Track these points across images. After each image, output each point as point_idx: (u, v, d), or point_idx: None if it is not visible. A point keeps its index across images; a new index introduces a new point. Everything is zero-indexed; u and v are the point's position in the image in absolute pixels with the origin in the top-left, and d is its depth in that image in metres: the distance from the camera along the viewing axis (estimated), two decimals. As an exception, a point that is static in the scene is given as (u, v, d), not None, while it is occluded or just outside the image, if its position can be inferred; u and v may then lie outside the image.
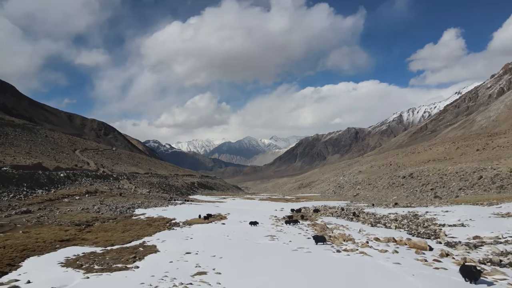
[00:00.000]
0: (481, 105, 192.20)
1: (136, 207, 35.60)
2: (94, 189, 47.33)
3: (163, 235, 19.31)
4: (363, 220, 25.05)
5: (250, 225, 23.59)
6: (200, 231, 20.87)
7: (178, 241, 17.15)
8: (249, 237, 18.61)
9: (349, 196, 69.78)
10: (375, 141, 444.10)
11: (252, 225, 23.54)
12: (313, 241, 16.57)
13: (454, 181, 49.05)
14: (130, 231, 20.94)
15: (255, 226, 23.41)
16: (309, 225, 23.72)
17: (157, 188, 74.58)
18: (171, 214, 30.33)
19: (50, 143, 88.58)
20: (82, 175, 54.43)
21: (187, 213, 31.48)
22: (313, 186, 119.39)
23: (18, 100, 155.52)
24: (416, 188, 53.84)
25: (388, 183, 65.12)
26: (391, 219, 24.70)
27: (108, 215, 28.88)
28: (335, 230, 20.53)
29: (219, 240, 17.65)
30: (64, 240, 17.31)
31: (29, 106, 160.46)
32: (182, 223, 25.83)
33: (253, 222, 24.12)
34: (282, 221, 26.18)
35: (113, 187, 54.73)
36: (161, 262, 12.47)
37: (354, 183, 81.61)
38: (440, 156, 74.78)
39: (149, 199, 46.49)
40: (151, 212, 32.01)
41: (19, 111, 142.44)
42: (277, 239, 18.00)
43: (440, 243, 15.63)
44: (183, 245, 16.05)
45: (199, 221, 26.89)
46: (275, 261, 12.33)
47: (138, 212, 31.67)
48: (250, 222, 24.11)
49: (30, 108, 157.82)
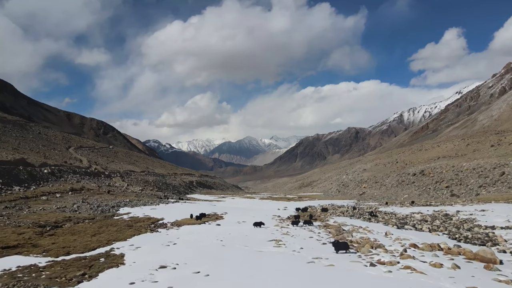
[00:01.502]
0: (482, 104, 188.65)
1: (122, 205, 31.69)
2: (80, 186, 43.38)
3: (140, 240, 15.37)
4: (384, 221, 21.10)
5: (254, 227, 19.66)
6: (188, 234, 16.94)
7: (155, 248, 13.21)
8: (249, 242, 14.68)
9: (355, 194, 65.93)
10: (376, 141, 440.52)
11: (256, 227, 19.60)
12: (330, 248, 12.69)
13: (472, 178, 45.03)
14: (102, 234, 17.01)
15: (260, 227, 19.46)
16: (320, 226, 19.78)
17: (152, 186, 70.71)
18: (159, 214, 26.44)
19: (42, 140, 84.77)
20: (69, 172, 50.48)
21: (179, 212, 27.52)
22: (315, 185, 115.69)
23: (17, 99, 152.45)
24: (429, 186, 49.82)
25: (396, 181, 61.12)
26: (417, 219, 20.74)
27: (86, 215, 24.99)
28: (355, 233, 16.59)
29: (210, 246, 13.71)
30: (10, 247, 13.38)
31: (28, 105, 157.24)
32: (169, 223, 21.94)
33: (257, 223, 20.20)
34: (287, 222, 22.26)
35: (103, 185, 50.78)
36: (117, 283, 8.53)
37: (359, 181, 77.68)
38: (451, 153, 70.82)
39: (140, 197, 42.55)
40: (138, 211, 28.11)
41: (17, 109, 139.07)
42: (284, 245, 14.07)
43: (504, 251, 11.69)
44: (161, 254, 12.11)
45: (190, 221, 22.95)
46: (286, 282, 8.39)
47: (122, 211, 27.80)
48: (255, 223, 20.18)
49: (29, 107, 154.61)
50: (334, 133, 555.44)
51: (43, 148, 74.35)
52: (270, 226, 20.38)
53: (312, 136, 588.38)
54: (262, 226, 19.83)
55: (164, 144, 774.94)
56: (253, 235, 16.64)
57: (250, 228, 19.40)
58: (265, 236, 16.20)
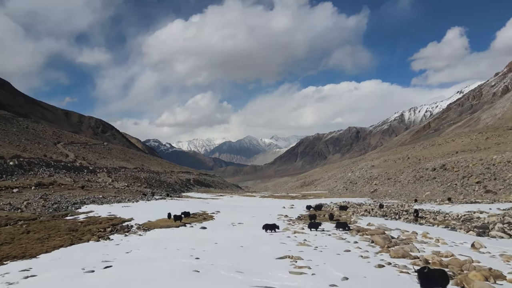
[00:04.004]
0: (485, 103, 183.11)
1: (90, 202, 25.39)
2: (51, 181, 37.08)
3: (62, 256, 9.11)
4: (438, 223, 14.74)
5: (265, 231, 13.33)
6: (148, 246, 10.61)
7: (66, 277, 6.82)
8: (245, 262, 8.33)
9: (365, 192, 59.71)
10: (376, 140, 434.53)
11: (268, 232, 13.23)
12: (397, 278, 6.28)
13: (509, 171, 38.70)
14: (11, 244, 10.63)
15: (272, 233, 13.06)
16: (352, 231, 13.38)
17: (143, 183, 64.51)
18: (130, 213, 20.13)
19: (27, 134, 78.72)
20: (41, 165, 44.16)
21: (157, 211, 21.16)
22: (317, 184, 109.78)
23: (14, 97, 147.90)
24: (455, 182, 43.47)
25: (413, 177, 54.75)
26: (495, 221, 14.30)
27: (28, 214, 18.72)
28: (417, 245, 10.19)
29: (170, 273, 7.32)
30: None
31: (25, 102, 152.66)
32: (136, 226, 15.66)
33: (269, 226, 13.84)
34: (301, 223, 15.90)
35: (81, 180, 44.46)
36: None
37: (368, 178, 71.34)
38: (471, 147, 64.50)
39: (120, 194, 36.29)
40: (104, 209, 21.82)
41: (14, 107, 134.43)
42: (308, 268, 7.72)
43: None
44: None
45: (165, 223, 16.61)
46: None
47: (84, 209, 21.53)
48: (266, 227, 13.82)
49: (26, 105, 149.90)
50: (334, 132, 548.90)
51: (25, 142, 68.34)
52: (278, 230, 13.99)
53: (312, 135, 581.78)
54: (275, 231, 13.36)
55: (164, 144, 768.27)
56: (252, 247, 10.29)
57: (251, 233, 13.08)
58: (272, 249, 9.85)
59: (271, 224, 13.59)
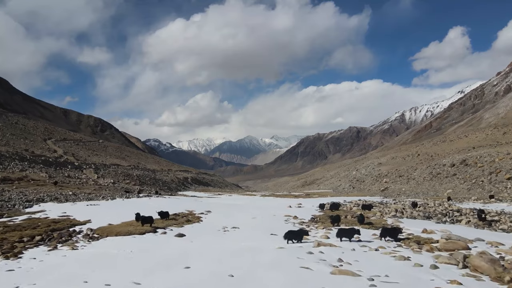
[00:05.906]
0: (487, 102, 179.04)
1: (48, 200, 20.55)
2: (20, 176, 32.26)
3: None
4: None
5: (287, 242, 8.59)
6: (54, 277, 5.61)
7: None
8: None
9: (375, 190, 54.91)
10: (377, 140, 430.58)
11: (290, 242, 8.57)
12: None
13: (546, 166, 33.90)
14: None
15: (299, 244, 8.36)
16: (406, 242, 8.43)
17: (135, 180, 59.77)
18: (91, 214, 15.31)
19: (14, 129, 74.11)
20: (14, 159, 39.33)
21: (127, 212, 16.28)
22: (319, 183, 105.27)
23: (12, 95, 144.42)
24: (481, 178, 38.60)
25: (429, 174, 49.90)
26: None
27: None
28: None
29: None
30: None
31: (24, 101, 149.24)
32: (87, 232, 10.76)
33: (293, 233, 9.20)
34: (319, 228, 10.96)
35: (59, 175, 39.59)
36: None
37: (377, 176, 66.57)
38: (489, 142, 59.79)
39: (100, 191, 31.39)
40: (61, 208, 17.01)
41: (12, 106, 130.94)
42: None
43: None
44: None
45: (128, 228, 11.70)
46: None
47: (33, 209, 16.78)
48: (289, 235, 9.09)
49: (25, 103, 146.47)
50: (335, 132, 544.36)
51: (9, 136, 63.79)
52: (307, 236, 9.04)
53: (313, 135, 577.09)
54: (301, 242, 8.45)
55: (164, 143, 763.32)
56: (251, 279, 5.33)
57: (250, 245, 8.21)
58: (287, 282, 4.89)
59: (297, 231, 8.66)
